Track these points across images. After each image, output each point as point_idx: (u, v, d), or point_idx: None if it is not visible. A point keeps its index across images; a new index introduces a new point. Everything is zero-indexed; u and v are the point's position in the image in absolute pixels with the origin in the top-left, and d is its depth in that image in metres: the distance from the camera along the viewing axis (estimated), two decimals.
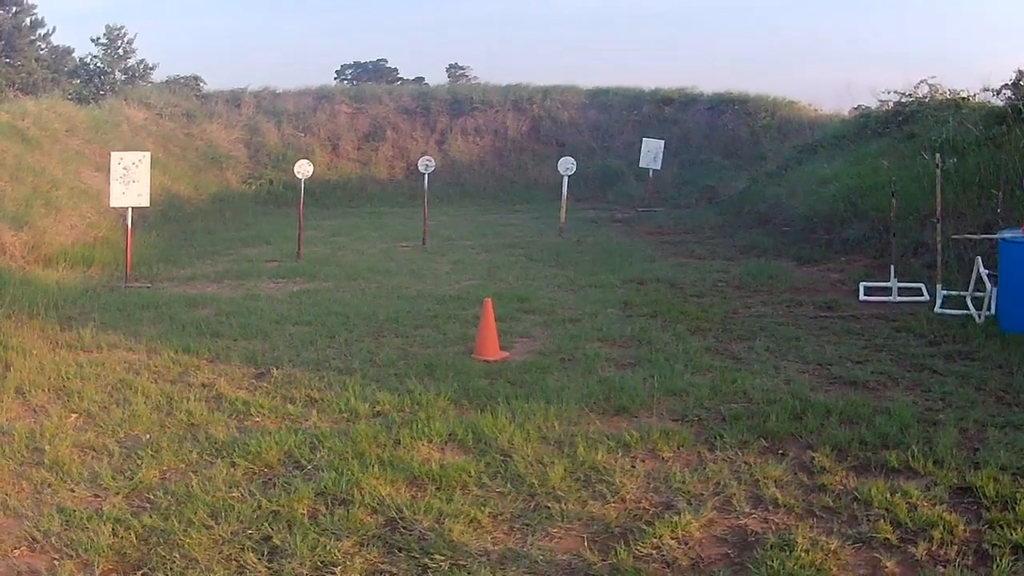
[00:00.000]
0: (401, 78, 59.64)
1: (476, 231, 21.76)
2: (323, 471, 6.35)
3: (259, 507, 5.78)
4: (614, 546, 5.25)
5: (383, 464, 6.44)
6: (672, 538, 5.35)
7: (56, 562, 5.18)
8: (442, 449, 6.87)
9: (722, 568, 5.07)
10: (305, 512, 5.70)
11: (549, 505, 5.83)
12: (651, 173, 26.80)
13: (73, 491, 6.17)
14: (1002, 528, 5.39)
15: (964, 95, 19.89)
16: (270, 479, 6.30)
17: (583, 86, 35.46)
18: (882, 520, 5.55)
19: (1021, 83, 17.18)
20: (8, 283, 12.98)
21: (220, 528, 5.51)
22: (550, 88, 35.06)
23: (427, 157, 21.54)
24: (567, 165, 21.24)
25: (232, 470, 6.45)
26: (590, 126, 33.15)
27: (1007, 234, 10.97)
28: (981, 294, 11.23)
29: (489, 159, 32.72)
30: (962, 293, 11.66)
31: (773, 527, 5.54)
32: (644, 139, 27.41)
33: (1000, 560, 5.05)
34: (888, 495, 5.88)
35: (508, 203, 28.36)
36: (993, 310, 10.99)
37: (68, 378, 8.82)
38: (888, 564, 5.08)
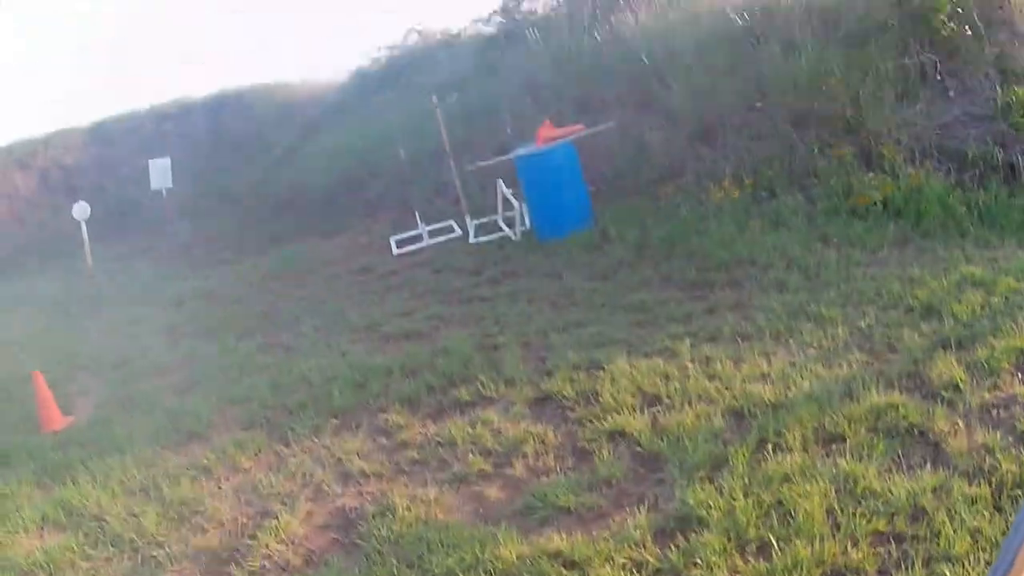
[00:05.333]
0: None
1: (7, 302, 20.13)
2: None
3: None
4: (227, 571, 5.26)
5: None
6: (279, 542, 5.37)
7: None
8: (40, 535, 6.54)
9: (335, 554, 5.03)
10: None
11: (154, 554, 5.69)
12: (164, 192, 26.02)
13: None
14: (591, 422, 5.68)
15: (455, 32, 20.66)
16: None
17: (82, 125, 33.75)
18: (471, 454, 5.70)
19: (509, 6, 18.03)
20: None
21: None
22: (51, 136, 33.12)
23: None
24: (81, 210, 20.31)
25: None
26: (96, 164, 31.65)
27: (521, 151, 11.55)
28: (511, 214, 11.77)
29: (7, 225, 30.51)
30: (493, 218, 12.14)
31: (369, 498, 5.66)
32: (149, 161, 26.54)
33: (600, 452, 5.29)
34: (470, 429, 6.11)
35: (34, 265, 26.60)
36: (528, 225, 11.56)
37: None
38: (491, 491, 5.20)
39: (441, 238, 12.88)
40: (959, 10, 10.14)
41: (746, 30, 11.76)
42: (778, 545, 4.10)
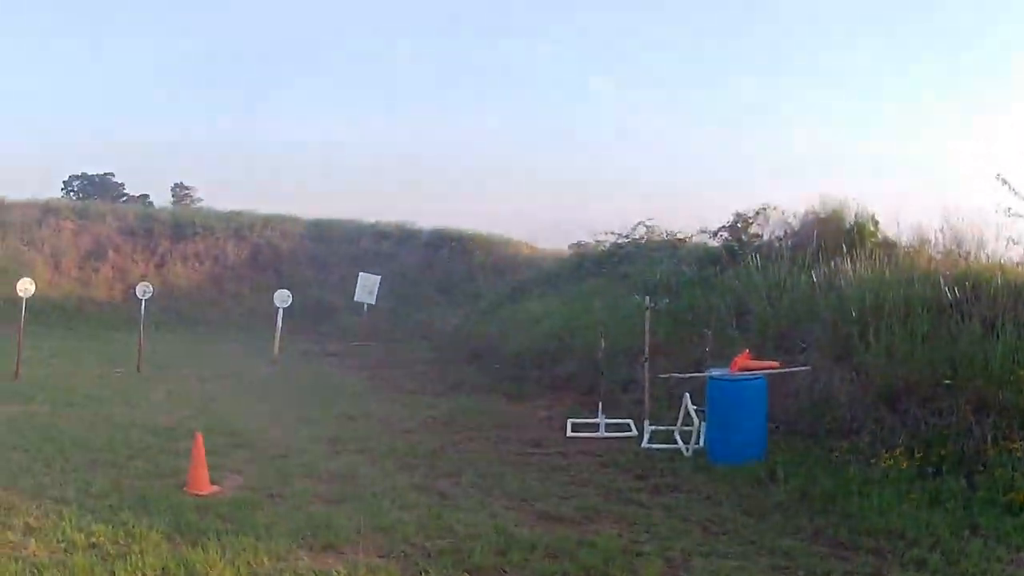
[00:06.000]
0: (127, 194, 57.94)
1: (191, 359, 21.38)
2: None
3: None
4: None
5: None
6: None
7: None
8: None
9: None
10: None
11: None
12: (366, 307, 26.99)
13: None
14: None
15: (681, 236, 21.09)
16: None
17: (303, 217, 35.55)
18: None
19: (738, 225, 18.43)
20: None
21: None
22: (271, 217, 35.06)
23: (145, 284, 21.24)
24: (283, 297, 21.31)
25: None
26: (308, 257, 33.22)
27: (715, 372, 11.78)
28: (689, 428, 11.89)
29: (208, 286, 32.23)
30: (670, 428, 12.29)
31: None
32: (360, 273, 27.61)
33: None
34: None
35: (225, 331, 27.94)
36: (702, 443, 11.68)
37: None
38: None
39: (616, 434, 12.99)
40: None
41: (952, 303, 11.78)
42: None
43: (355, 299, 27.28)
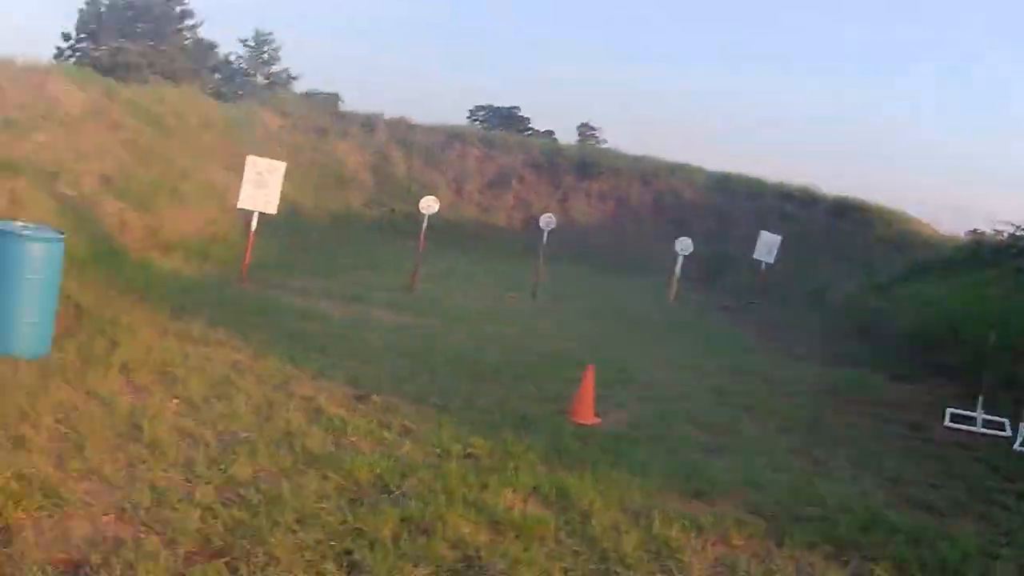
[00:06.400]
0: (532, 129, 59.93)
1: (585, 294, 21.80)
2: (410, 499, 6.48)
3: (344, 522, 5.92)
4: None
5: (468, 504, 6.54)
6: None
7: (142, 535, 5.39)
8: (525, 500, 6.92)
9: None
10: (388, 535, 5.81)
11: (619, 571, 5.86)
12: (763, 266, 26.55)
13: (167, 472, 6.41)
14: None
15: None
16: (358, 498, 6.44)
17: (707, 168, 35.31)
18: None
19: None
20: (125, 263, 13.43)
21: (305, 534, 5.66)
22: (676, 166, 34.96)
23: (549, 215, 21.72)
24: (684, 245, 21.18)
25: (323, 482, 6.61)
26: (710, 209, 32.88)
27: None
28: None
29: (608, 225, 32.64)
30: None
31: None
32: (762, 231, 27.09)
33: None
34: None
35: (620, 271, 28.15)
36: None
37: (174, 365, 9.15)
38: None
39: (991, 431, 12.24)
40: None
41: None
42: None
43: (754, 256, 26.89)
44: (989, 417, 12.47)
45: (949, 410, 12.79)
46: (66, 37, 46.65)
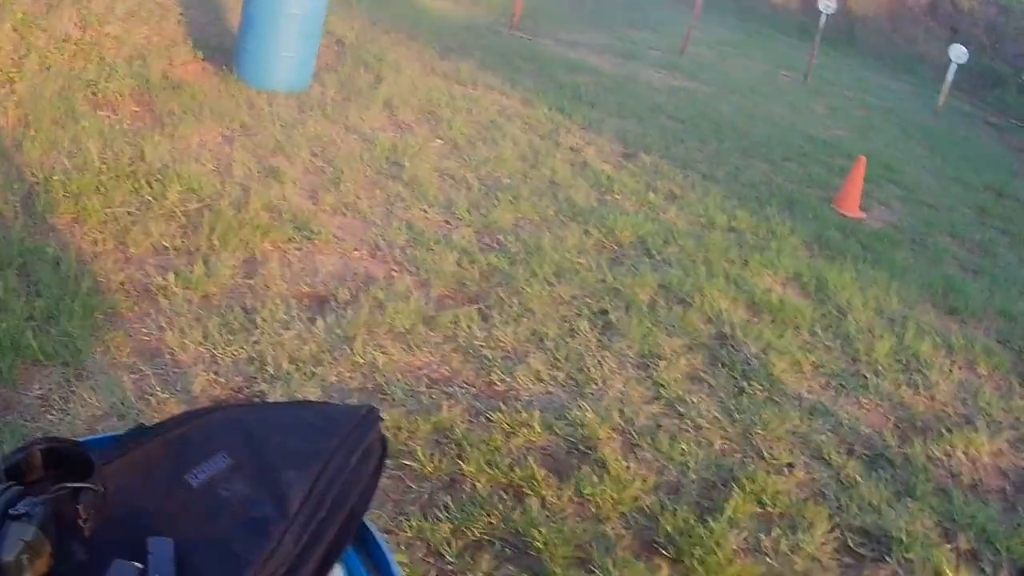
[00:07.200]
0: None
1: (855, 84, 20.70)
2: (671, 266, 6.39)
3: (603, 281, 5.88)
4: (912, 438, 5.01)
5: (728, 279, 6.40)
6: (963, 453, 5.04)
7: (394, 273, 5.42)
8: (784, 285, 6.72)
9: (996, 500, 4.77)
10: (645, 300, 5.75)
11: (867, 375, 5.61)
12: None
13: (425, 212, 6.44)
14: None
15: None
16: (618, 258, 6.38)
17: None
18: None
19: None
20: (393, 1, 13.36)
21: (561, 289, 5.64)
22: None
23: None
24: (959, 53, 19.72)
25: (584, 238, 6.56)
26: (987, 22, 30.60)
27: None
28: None
29: (884, 20, 30.91)
30: None
31: None
32: None
33: None
34: None
35: (890, 69, 26.79)
36: None
37: (439, 105, 9.15)
38: None
39: None
40: None
41: None
42: None
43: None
44: None
45: None
46: None
